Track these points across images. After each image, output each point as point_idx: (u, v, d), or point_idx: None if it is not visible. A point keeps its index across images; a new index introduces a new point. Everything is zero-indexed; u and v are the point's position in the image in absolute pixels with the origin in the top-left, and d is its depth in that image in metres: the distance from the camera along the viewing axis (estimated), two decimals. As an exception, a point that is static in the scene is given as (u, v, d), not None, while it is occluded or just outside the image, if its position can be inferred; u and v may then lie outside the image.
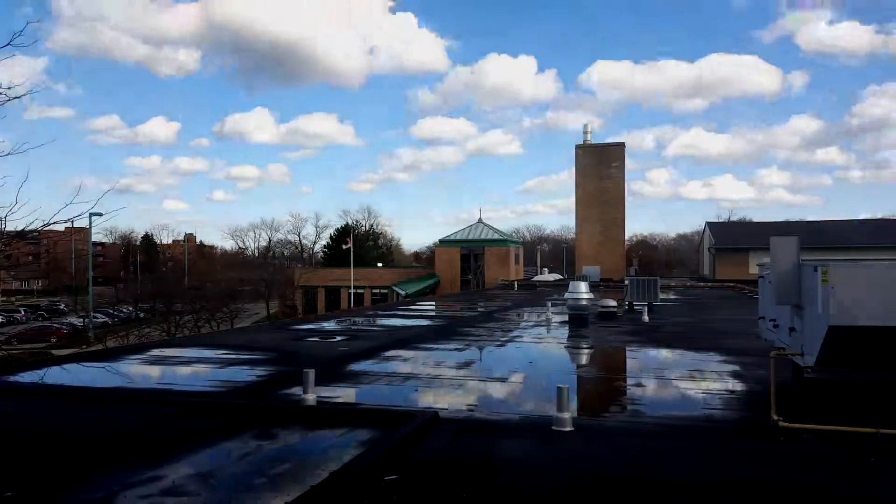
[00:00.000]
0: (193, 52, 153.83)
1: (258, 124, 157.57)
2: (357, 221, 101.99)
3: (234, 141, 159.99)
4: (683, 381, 10.88)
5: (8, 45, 10.05)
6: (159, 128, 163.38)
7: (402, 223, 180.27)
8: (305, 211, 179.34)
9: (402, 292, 57.70)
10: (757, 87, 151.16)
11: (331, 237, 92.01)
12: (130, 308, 58.46)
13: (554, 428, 7.31)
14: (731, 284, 45.29)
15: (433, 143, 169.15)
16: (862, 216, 76.79)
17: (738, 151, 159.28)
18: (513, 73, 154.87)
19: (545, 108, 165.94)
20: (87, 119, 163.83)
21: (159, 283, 63.16)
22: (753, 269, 18.14)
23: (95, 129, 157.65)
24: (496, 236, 68.42)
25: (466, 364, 12.94)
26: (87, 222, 26.44)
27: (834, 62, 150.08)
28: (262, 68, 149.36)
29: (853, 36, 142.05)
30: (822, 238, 44.54)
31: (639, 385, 10.67)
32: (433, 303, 35.11)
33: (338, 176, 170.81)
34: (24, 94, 11.33)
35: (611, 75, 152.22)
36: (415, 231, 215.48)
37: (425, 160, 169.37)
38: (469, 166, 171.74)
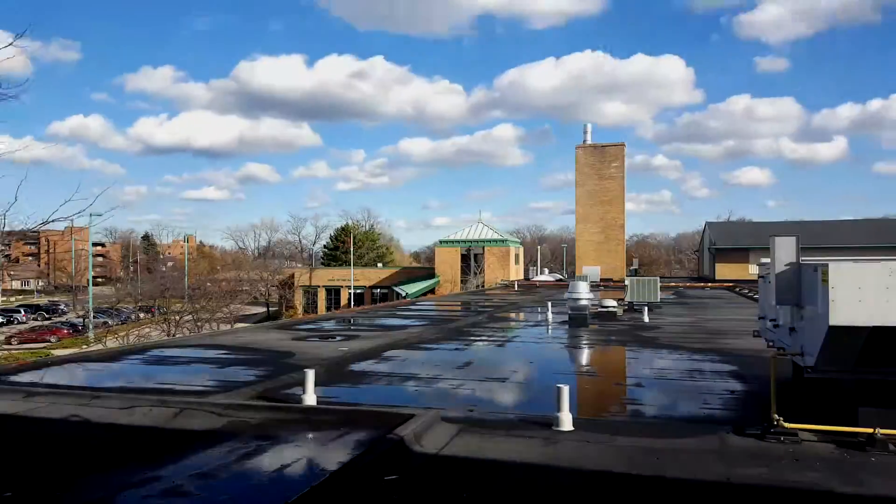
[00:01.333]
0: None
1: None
2: (357, 222, 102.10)
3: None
4: (683, 380, 10.88)
5: (9, 45, 10.05)
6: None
7: (402, 223, 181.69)
8: (305, 212, 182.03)
9: (402, 292, 57.72)
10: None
11: (330, 237, 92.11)
12: (130, 308, 58.47)
13: (554, 428, 7.32)
14: (731, 284, 45.31)
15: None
16: (862, 216, 76.70)
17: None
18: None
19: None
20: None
21: (159, 283, 63.11)
22: (753, 269, 18.13)
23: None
24: (496, 236, 68.42)
25: (466, 364, 12.94)
26: (87, 221, 26.45)
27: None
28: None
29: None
30: (822, 238, 44.55)
31: (639, 385, 10.67)
32: (433, 303, 35.11)
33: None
34: (24, 94, 11.32)
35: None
36: (415, 231, 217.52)
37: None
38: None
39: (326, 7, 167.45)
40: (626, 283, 27.53)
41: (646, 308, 22.95)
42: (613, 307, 22.69)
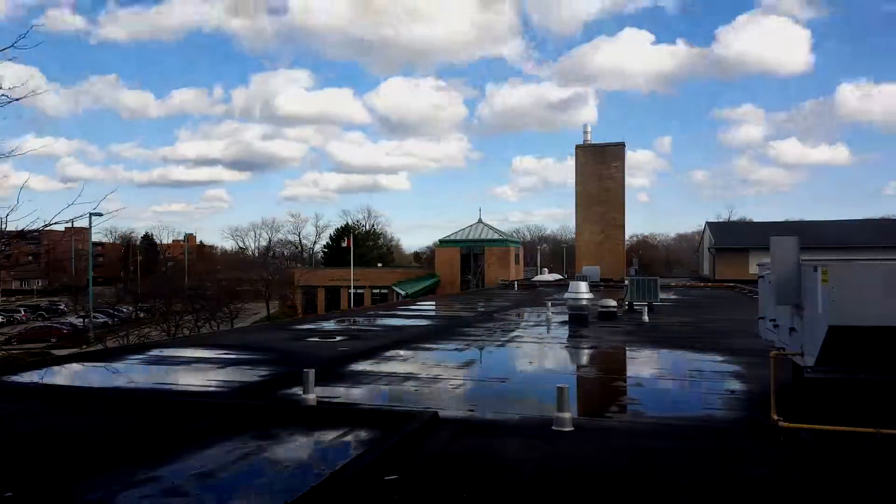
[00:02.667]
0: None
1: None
2: (357, 221, 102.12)
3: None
4: (683, 381, 10.89)
5: (11, 46, 10.03)
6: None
7: (402, 223, 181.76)
8: (306, 212, 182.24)
9: (402, 292, 57.70)
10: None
11: (331, 237, 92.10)
12: (130, 308, 58.50)
13: (554, 428, 7.32)
14: (731, 284, 45.28)
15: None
16: (862, 216, 76.61)
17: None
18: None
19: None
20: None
21: (159, 283, 63.14)
22: (753, 269, 18.11)
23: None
24: (496, 236, 68.41)
25: (466, 364, 12.94)
26: (88, 222, 26.43)
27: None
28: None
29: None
30: (822, 238, 44.53)
31: (639, 385, 10.66)
32: (433, 303, 35.11)
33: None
34: (25, 96, 11.31)
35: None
36: (415, 231, 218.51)
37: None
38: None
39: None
40: (626, 283, 27.53)
41: (646, 308, 22.94)
42: (613, 307, 22.67)
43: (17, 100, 11.03)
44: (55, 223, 10.38)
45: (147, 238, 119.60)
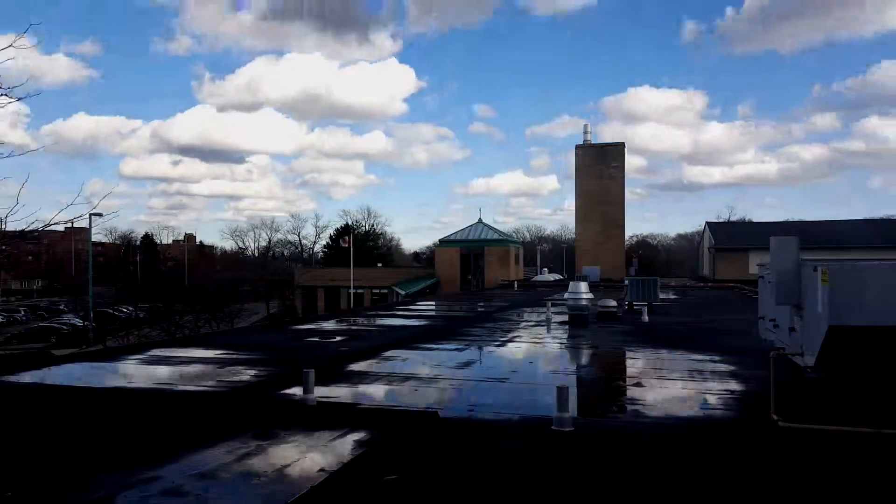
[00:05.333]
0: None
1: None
2: (357, 221, 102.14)
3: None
4: (683, 381, 10.89)
5: (9, 46, 10.04)
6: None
7: (402, 223, 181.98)
8: (306, 212, 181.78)
9: (402, 292, 57.72)
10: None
11: (331, 237, 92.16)
12: (130, 308, 58.52)
13: (554, 428, 7.32)
14: (731, 284, 45.31)
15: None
16: (862, 216, 76.63)
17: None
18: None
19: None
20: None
21: (159, 283, 63.20)
22: (753, 269, 18.14)
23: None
24: (496, 236, 68.40)
25: (466, 364, 12.95)
26: (88, 223, 26.42)
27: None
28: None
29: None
30: (821, 238, 44.55)
31: (639, 385, 10.67)
32: (433, 303, 35.11)
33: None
34: (25, 97, 11.32)
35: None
36: (415, 231, 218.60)
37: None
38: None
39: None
40: (626, 283, 27.55)
41: (645, 308, 22.95)
42: (613, 307, 22.69)
43: (19, 99, 11.03)
44: (55, 223, 10.39)
45: (147, 238, 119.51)
